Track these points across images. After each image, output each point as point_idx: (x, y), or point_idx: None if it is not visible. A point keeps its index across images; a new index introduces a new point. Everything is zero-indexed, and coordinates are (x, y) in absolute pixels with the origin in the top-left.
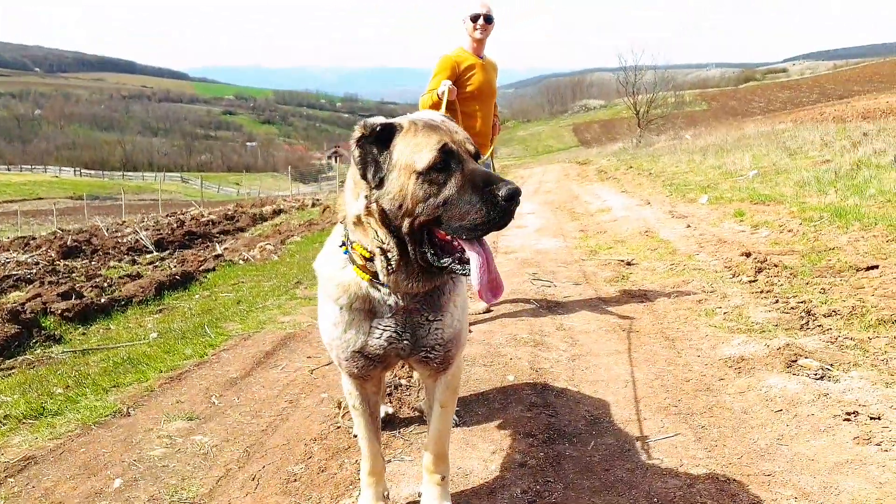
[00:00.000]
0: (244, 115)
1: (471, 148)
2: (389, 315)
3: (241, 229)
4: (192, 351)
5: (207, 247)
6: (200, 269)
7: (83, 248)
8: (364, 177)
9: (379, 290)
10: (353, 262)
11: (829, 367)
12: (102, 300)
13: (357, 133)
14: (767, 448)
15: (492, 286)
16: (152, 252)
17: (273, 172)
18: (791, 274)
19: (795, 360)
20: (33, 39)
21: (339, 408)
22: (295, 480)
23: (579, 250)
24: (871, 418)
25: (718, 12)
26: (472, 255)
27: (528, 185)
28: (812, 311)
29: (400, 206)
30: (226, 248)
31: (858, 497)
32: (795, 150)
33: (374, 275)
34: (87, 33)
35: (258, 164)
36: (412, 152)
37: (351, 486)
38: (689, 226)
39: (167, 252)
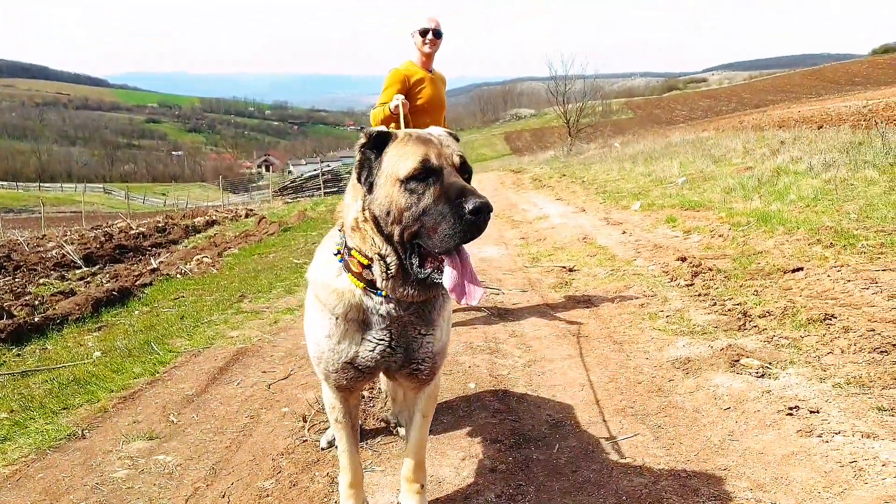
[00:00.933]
0: (169, 124)
1: (456, 160)
2: (382, 327)
3: (174, 241)
4: (141, 369)
5: (140, 260)
6: (137, 283)
7: (3, 264)
8: (359, 179)
9: (372, 299)
10: (349, 269)
11: (768, 366)
12: (35, 319)
13: (361, 139)
14: (720, 444)
15: (462, 292)
16: (81, 267)
17: (201, 182)
18: (725, 277)
19: (738, 360)
20: None
21: (305, 421)
22: (267, 496)
23: (522, 258)
24: (811, 412)
25: (643, 23)
26: (446, 265)
27: None
28: (748, 313)
29: (388, 213)
30: (161, 262)
31: (807, 485)
32: (720, 157)
33: (369, 283)
34: None
35: (185, 173)
36: (398, 160)
37: (326, 500)
38: (624, 232)
39: (97, 267)
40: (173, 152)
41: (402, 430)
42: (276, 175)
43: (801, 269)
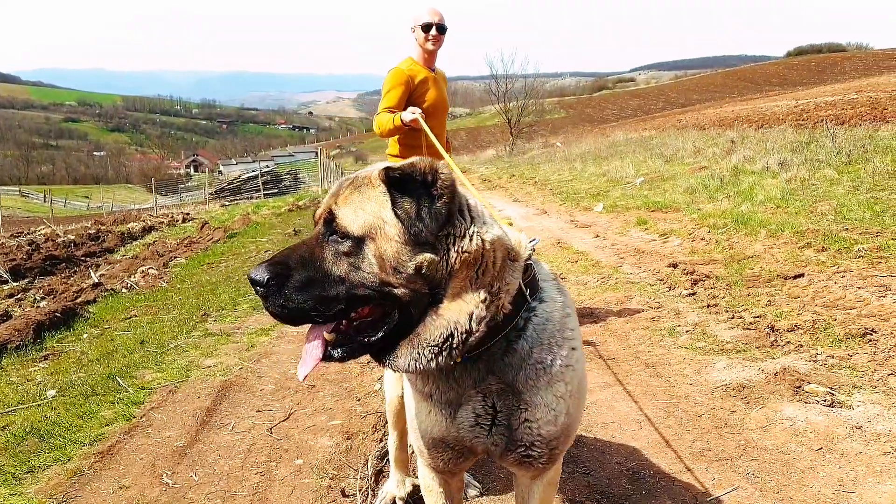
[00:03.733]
0: (89, 123)
1: (317, 214)
2: (474, 394)
3: (110, 250)
4: (112, 412)
5: (76, 272)
6: (79, 301)
7: None
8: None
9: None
10: None
11: (831, 391)
12: None
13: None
14: (836, 498)
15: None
16: (8, 282)
17: (127, 184)
18: (726, 285)
19: (800, 386)
20: None
21: (345, 496)
22: None
23: None
24: None
25: (571, 23)
26: None
27: None
28: (774, 327)
29: None
30: (102, 275)
31: None
32: (671, 156)
33: None
34: None
35: (109, 175)
36: None
37: None
38: (597, 235)
39: (27, 281)
40: (95, 153)
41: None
42: (206, 176)
43: (803, 275)
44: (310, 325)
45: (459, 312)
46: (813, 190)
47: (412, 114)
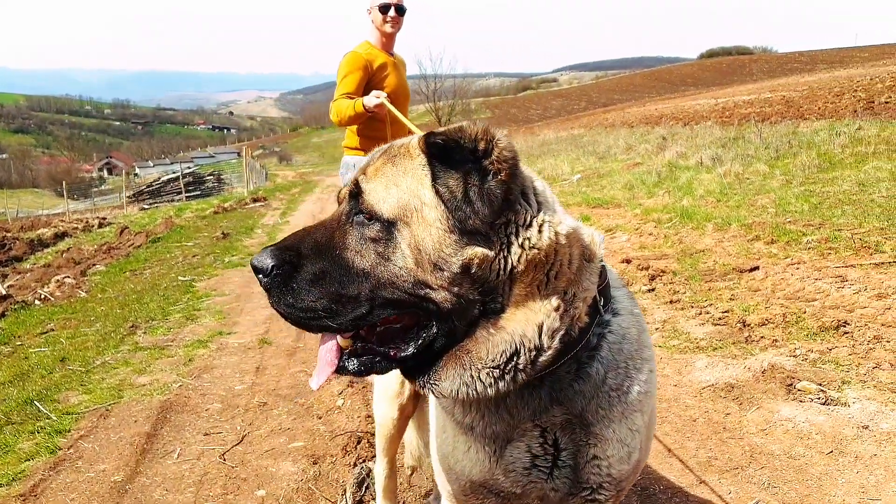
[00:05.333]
0: None
1: (343, 192)
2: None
3: (17, 259)
4: (33, 445)
5: None
6: None
7: None
8: None
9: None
10: None
11: (823, 388)
12: None
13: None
14: None
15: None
16: None
17: (33, 188)
18: (684, 280)
19: (792, 384)
20: None
21: None
22: None
23: None
24: None
25: (493, 24)
26: None
27: None
28: (745, 322)
29: None
30: (10, 286)
31: None
32: (603, 154)
33: None
34: None
35: (13, 178)
36: None
37: None
38: None
39: None
40: None
41: None
42: (122, 179)
43: (758, 268)
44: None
45: (526, 323)
46: (749, 184)
47: (376, 98)
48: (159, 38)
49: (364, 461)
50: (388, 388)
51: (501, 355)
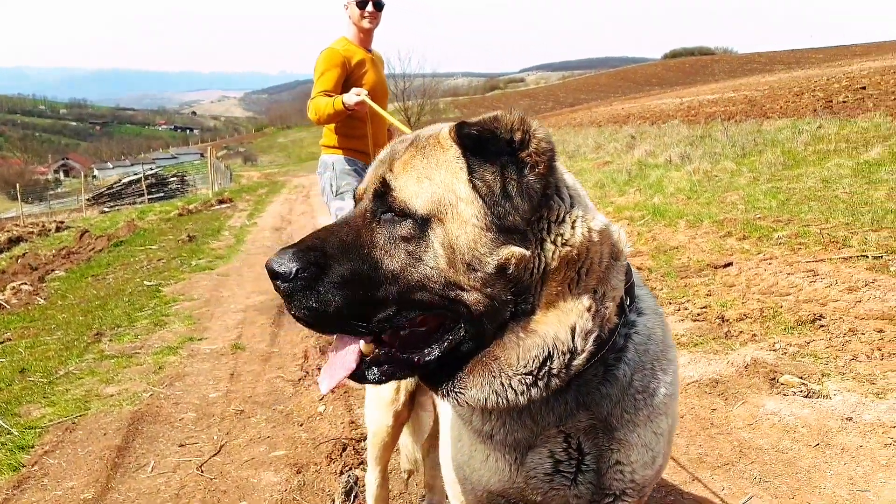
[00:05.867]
0: None
1: (371, 189)
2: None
3: None
4: None
5: None
6: None
7: None
8: None
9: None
10: None
11: (804, 382)
12: None
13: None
14: (853, 499)
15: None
16: None
17: None
18: (660, 276)
19: (775, 378)
20: None
21: None
22: None
23: None
24: None
25: (461, 24)
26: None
27: (321, 196)
28: (724, 317)
29: None
30: None
31: None
32: (573, 152)
33: None
34: None
35: None
36: None
37: None
38: None
39: None
40: None
41: None
42: (80, 181)
43: (731, 263)
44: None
45: (559, 325)
46: (717, 181)
47: (357, 95)
48: (119, 36)
49: (351, 469)
50: (383, 394)
51: (534, 360)
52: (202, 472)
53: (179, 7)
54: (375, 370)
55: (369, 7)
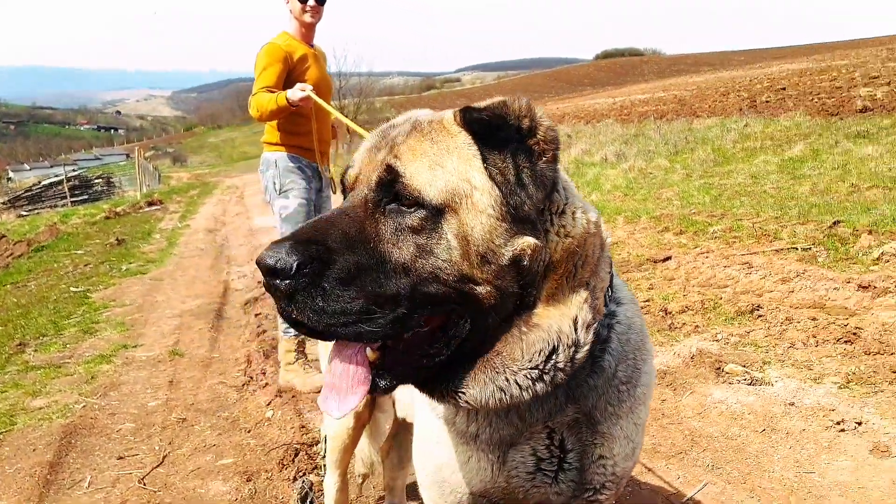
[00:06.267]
0: None
1: (374, 178)
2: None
3: None
4: None
5: None
6: None
7: None
8: None
9: None
10: None
11: (748, 370)
12: None
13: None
14: (800, 480)
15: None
16: None
17: None
18: None
19: (720, 368)
20: None
21: None
22: None
23: None
24: (857, 423)
25: (396, 23)
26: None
27: (256, 196)
28: (667, 310)
29: None
30: None
31: None
32: None
33: None
34: None
35: None
36: None
37: None
38: None
39: None
40: None
41: None
42: None
43: (670, 258)
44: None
45: (562, 318)
46: (652, 178)
47: (301, 91)
48: (35, 31)
49: (305, 474)
50: None
51: (539, 354)
52: (144, 484)
53: (101, 1)
54: (386, 377)
55: (311, 1)
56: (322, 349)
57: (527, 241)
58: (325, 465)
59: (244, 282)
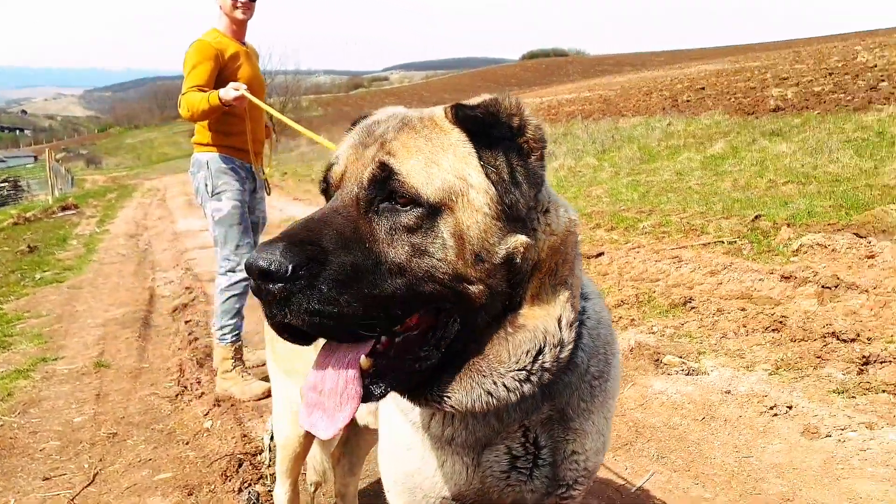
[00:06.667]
0: None
1: (367, 175)
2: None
3: None
4: None
5: None
6: None
7: None
8: None
9: None
10: None
11: (684, 361)
12: None
13: None
14: (740, 465)
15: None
16: None
17: None
18: None
19: (659, 360)
20: None
21: None
22: None
23: None
24: (788, 408)
25: (325, 22)
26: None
27: (179, 198)
28: None
29: None
30: None
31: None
32: None
33: None
34: None
35: None
36: None
37: None
38: None
39: None
40: None
41: None
42: None
43: (603, 253)
44: (326, 342)
45: (547, 318)
46: (582, 176)
47: (235, 90)
48: None
49: (250, 485)
50: (293, 402)
51: (527, 355)
52: None
53: None
54: (381, 385)
55: None
56: (277, 358)
57: (520, 240)
58: (271, 475)
59: (171, 288)
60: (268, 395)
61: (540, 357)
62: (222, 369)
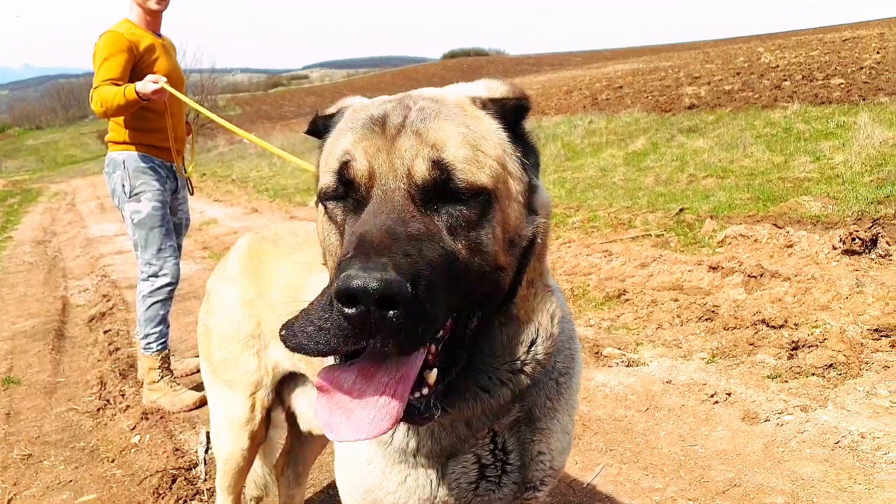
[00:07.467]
0: None
1: (421, 169)
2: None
3: None
4: None
5: None
6: None
7: None
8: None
9: None
10: None
11: (624, 352)
12: None
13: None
14: (686, 454)
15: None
16: None
17: None
18: None
19: (599, 352)
20: None
21: None
22: None
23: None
24: (727, 395)
25: (240, 19)
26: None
27: (91, 202)
28: None
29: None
30: None
31: (836, 481)
32: None
33: None
34: None
35: None
36: (324, 161)
37: None
38: None
39: None
40: None
41: None
42: None
43: None
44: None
45: (539, 309)
46: None
47: (154, 83)
48: None
49: (185, 502)
50: (235, 414)
51: (521, 348)
52: None
53: None
54: (439, 404)
55: None
56: (215, 367)
57: (538, 221)
58: (208, 490)
59: (86, 296)
60: (200, 404)
61: (532, 350)
62: (149, 380)
